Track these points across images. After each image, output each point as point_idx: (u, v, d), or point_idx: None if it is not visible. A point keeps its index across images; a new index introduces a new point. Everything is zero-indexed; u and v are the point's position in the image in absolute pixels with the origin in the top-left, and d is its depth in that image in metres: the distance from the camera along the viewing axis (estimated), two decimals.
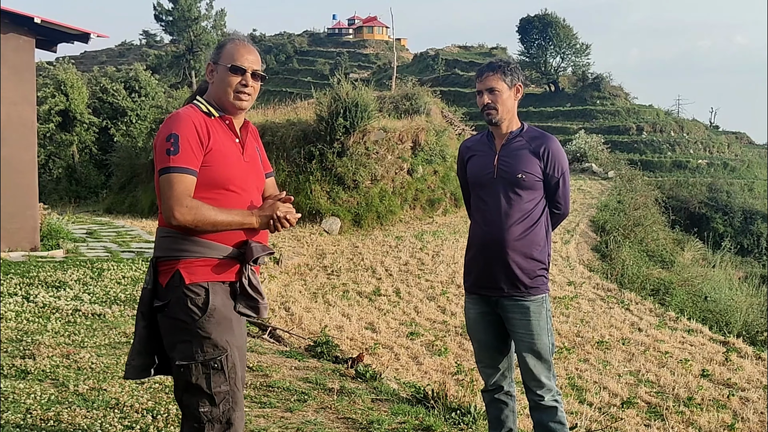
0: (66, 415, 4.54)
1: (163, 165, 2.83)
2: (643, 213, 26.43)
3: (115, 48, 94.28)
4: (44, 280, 9.63)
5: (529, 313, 3.81)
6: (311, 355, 7.36)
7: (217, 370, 2.88)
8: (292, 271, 15.71)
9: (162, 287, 2.91)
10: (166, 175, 2.82)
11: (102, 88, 34.19)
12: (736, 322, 16.65)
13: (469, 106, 42.59)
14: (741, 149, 53.97)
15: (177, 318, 2.87)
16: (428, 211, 22.88)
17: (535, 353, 3.84)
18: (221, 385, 2.89)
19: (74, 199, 29.06)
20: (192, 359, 2.86)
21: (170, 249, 2.90)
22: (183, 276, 2.87)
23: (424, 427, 4.79)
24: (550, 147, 3.83)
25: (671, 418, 8.91)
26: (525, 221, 3.80)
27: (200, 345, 2.86)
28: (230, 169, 2.95)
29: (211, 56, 3.09)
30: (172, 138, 2.83)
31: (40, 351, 6.09)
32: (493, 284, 3.85)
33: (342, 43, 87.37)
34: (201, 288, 2.88)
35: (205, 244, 2.90)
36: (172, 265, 2.89)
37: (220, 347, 2.89)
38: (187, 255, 2.88)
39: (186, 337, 2.87)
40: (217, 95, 3.04)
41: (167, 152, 2.82)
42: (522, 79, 3.93)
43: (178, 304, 2.87)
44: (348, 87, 21.55)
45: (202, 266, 2.90)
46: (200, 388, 2.87)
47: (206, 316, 2.86)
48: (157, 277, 2.94)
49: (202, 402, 2.88)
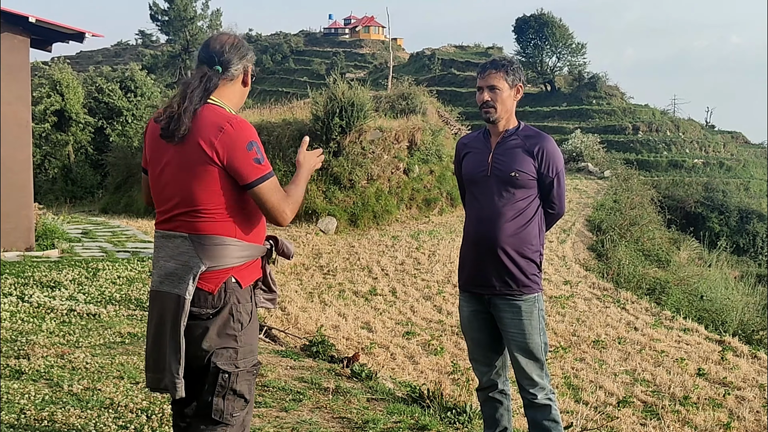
0: (60, 415, 4.53)
1: (259, 175, 2.77)
2: (639, 212, 26.44)
3: (111, 48, 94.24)
4: (39, 280, 9.60)
5: (520, 313, 3.81)
6: (307, 354, 7.35)
7: (255, 376, 2.94)
8: (288, 270, 15.69)
9: (209, 294, 2.81)
10: (265, 183, 2.78)
11: (98, 87, 34.14)
12: (732, 321, 16.67)
13: (465, 106, 42.62)
14: (737, 148, 54.10)
15: (228, 325, 2.84)
16: (424, 210, 22.88)
17: (527, 352, 3.83)
18: (254, 389, 2.97)
19: (70, 199, 29.02)
20: (237, 366, 2.85)
21: (225, 257, 2.82)
22: (239, 281, 2.85)
23: (420, 427, 4.78)
24: (545, 146, 3.82)
25: (667, 417, 8.92)
26: (517, 219, 3.80)
27: (243, 351, 2.87)
28: None
29: (248, 57, 2.97)
30: (254, 146, 2.78)
31: (34, 351, 6.07)
32: (485, 282, 3.85)
33: (338, 43, 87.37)
34: (248, 293, 2.91)
35: (253, 247, 2.90)
36: (226, 272, 2.83)
37: (255, 353, 2.94)
38: (241, 260, 2.86)
39: (233, 344, 2.84)
40: (243, 98, 3.03)
41: (257, 161, 2.77)
42: (523, 79, 3.93)
43: (232, 311, 2.84)
44: (344, 86, 21.55)
45: (247, 268, 2.90)
46: (242, 395, 2.88)
47: (251, 322, 2.90)
48: (200, 285, 2.82)
49: (238, 406, 2.89)
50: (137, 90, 34.64)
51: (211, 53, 2.92)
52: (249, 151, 2.75)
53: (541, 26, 60.76)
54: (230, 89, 2.95)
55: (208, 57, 2.92)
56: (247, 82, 3.00)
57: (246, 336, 2.87)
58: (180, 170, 2.81)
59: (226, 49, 2.92)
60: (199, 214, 2.80)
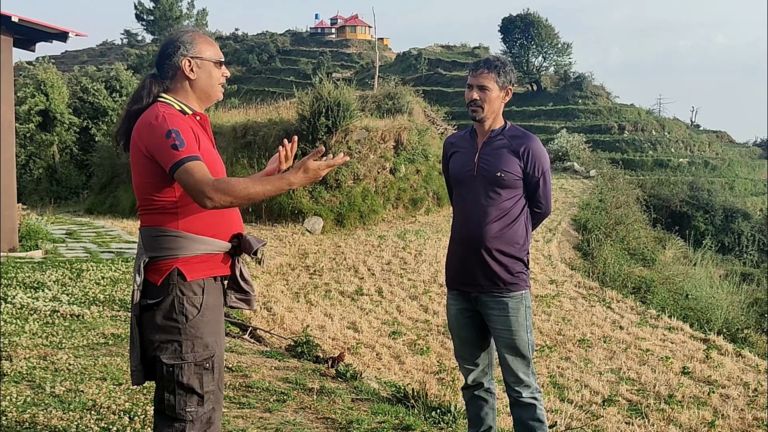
0: (42, 417, 4.50)
1: (175, 160, 2.75)
2: (624, 212, 26.53)
3: (96, 48, 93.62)
4: (22, 281, 9.54)
5: (507, 310, 3.83)
6: (292, 355, 7.33)
7: (208, 370, 2.91)
8: (273, 270, 15.65)
9: (155, 285, 2.87)
10: (183, 167, 2.74)
11: (83, 87, 33.92)
12: (717, 319, 16.75)
13: (451, 106, 42.64)
14: (722, 148, 54.38)
15: (170, 317, 2.85)
16: (411, 210, 22.87)
17: (514, 350, 3.85)
18: (209, 384, 2.92)
19: (54, 200, 28.82)
20: (183, 359, 2.86)
21: (166, 248, 2.86)
22: (183, 273, 2.85)
23: (404, 427, 4.78)
24: (531, 147, 3.83)
25: (652, 415, 8.95)
26: (503, 219, 3.82)
27: (192, 345, 2.87)
28: (216, 167, 2.94)
29: (181, 50, 2.98)
30: (172, 133, 2.78)
31: (17, 353, 6.03)
32: (472, 280, 3.87)
33: (325, 43, 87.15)
34: (198, 287, 2.88)
35: (202, 240, 2.89)
36: (169, 264, 2.86)
37: (210, 347, 2.92)
38: (187, 252, 2.86)
39: (177, 337, 2.86)
40: (203, 91, 3.01)
41: (174, 147, 2.76)
42: (514, 82, 3.94)
43: (173, 303, 2.85)
44: (330, 86, 21.51)
45: (200, 262, 2.90)
46: (191, 388, 2.87)
47: (200, 315, 2.87)
48: (147, 276, 2.89)
49: (190, 401, 2.89)
50: (122, 90, 34.41)
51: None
52: (167, 139, 2.78)
53: (527, 26, 60.86)
54: (176, 86, 3.00)
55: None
56: (188, 76, 2.99)
57: (194, 329, 2.87)
58: (132, 168, 2.95)
59: (160, 50, 3.03)
60: (147, 207, 2.90)
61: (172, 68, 2.99)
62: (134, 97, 2.98)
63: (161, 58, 3.02)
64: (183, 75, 2.99)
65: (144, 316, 2.89)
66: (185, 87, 3.00)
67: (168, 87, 3.00)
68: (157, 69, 3.02)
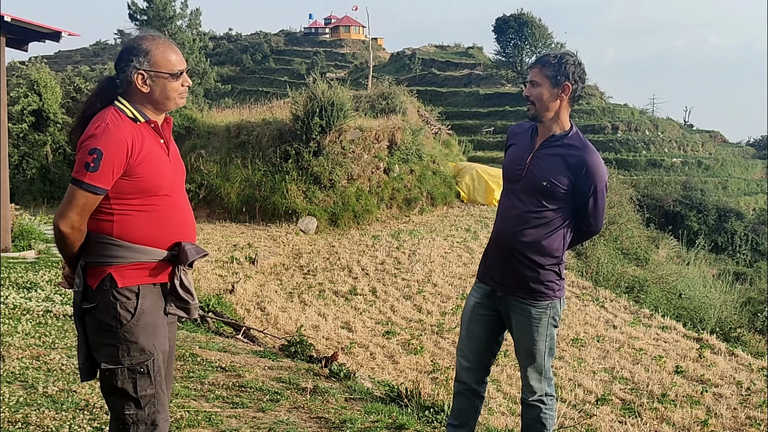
0: (35, 417, 4.49)
1: (78, 176, 2.79)
2: (618, 211, 26.55)
3: (89, 47, 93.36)
4: (15, 281, 9.51)
5: (530, 318, 3.73)
6: (285, 354, 7.32)
7: (143, 375, 2.90)
8: (267, 270, 15.65)
9: (91, 290, 2.89)
10: (77, 187, 2.79)
11: (76, 87, 33.82)
12: (710, 319, 16.80)
13: (445, 105, 42.70)
14: (715, 148, 54.48)
15: (104, 321, 2.87)
16: (405, 210, 22.89)
17: (530, 357, 3.79)
18: (147, 388, 2.91)
19: (48, 200, 28.73)
20: (118, 363, 2.87)
21: (101, 255, 2.88)
22: (115, 279, 2.87)
23: (397, 426, 4.77)
24: (587, 161, 3.61)
25: (645, 414, 8.98)
26: (541, 228, 3.67)
27: (127, 349, 2.87)
28: (160, 177, 2.92)
29: (134, 62, 2.93)
30: (96, 153, 2.77)
31: (9, 353, 6.01)
32: (500, 279, 3.79)
33: (318, 43, 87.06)
34: (132, 292, 2.89)
35: (137, 249, 2.90)
36: (103, 269, 2.88)
37: (147, 351, 2.91)
38: (120, 260, 2.88)
39: (112, 341, 2.87)
40: (156, 102, 2.97)
41: (86, 166, 2.77)
42: (576, 78, 3.68)
43: (106, 308, 2.86)
44: (324, 86, 21.53)
45: (134, 269, 2.90)
46: (126, 392, 2.89)
47: (134, 320, 2.87)
48: (86, 279, 2.91)
49: (128, 405, 2.90)
50: None
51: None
52: (88, 154, 2.78)
53: (520, 26, 60.87)
54: (131, 93, 2.97)
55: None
56: (141, 89, 2.95)
57: (129, 333, 2.87)
58: None
59: (118, 56, 3.00)
60: (92, 213, 2.89)
61: (125, 80, 2.95)
62: (89, 102, 2.98)
63: (117, 64, 2.99)
64: (136, 87, 2.95)
65: (86, 318, 2.92)
66: (139, 97, 2.97)
67: (125, 91, 2.97)
68: (116, 72, 3.00)
